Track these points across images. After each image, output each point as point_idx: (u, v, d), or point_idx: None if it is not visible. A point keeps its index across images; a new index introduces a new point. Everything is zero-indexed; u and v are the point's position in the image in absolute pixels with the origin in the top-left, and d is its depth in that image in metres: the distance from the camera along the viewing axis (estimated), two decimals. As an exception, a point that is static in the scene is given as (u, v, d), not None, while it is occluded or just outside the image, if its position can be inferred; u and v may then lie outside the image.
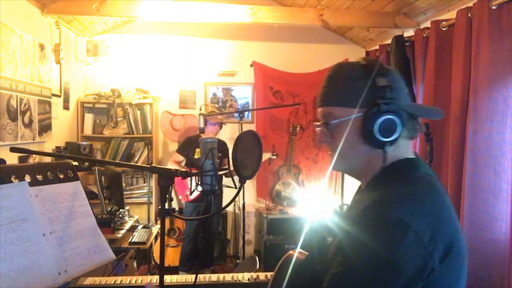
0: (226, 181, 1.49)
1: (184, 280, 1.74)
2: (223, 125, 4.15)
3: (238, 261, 4.56)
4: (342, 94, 0.97)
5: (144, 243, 2.85)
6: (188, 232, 4.10)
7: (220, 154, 1.44)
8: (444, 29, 3.16)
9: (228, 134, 4.45)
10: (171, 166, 4.16)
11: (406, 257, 0.80)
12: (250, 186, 4.74)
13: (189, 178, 1.27)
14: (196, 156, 4.07)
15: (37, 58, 3.29)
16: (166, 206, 1.28)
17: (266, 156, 4.07)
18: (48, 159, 3.04)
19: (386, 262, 0.81)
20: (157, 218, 4.38)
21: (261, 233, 4.49)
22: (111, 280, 1.72)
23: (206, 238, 4.19)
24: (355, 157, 1.00)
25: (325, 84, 1.00)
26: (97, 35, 4.56)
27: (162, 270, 1.33)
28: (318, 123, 1.03)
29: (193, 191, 1.29)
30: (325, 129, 1.01)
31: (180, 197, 4.30)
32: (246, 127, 3.39)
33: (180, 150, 4.13)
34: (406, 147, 0.99)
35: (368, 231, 0.83)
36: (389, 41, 3.90)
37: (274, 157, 4.18)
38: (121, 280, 1.71)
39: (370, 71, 0.95)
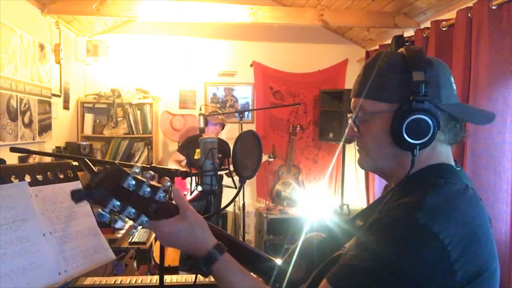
0: (226, 181, 1.49)
1: (184, 280, 1.74)
2: (225, 125, 4.15)
3: (238, 261, 4.56)
4: (374, 86, 0.88)
5: (144, 243, 2.85)
6: None
7: (220, 155, 1.44)
8: (444, 29, 3.16)
9: (228, 134, 4.45)
10: (172, 165, 4.16)
11: (424, 269, 0.71)
12: (250, 186, 4.75)
13: (188, 178, 1.27)
14: (196, 157, 4.08)
15: (37, 58, 3.29)
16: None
17: (263, 158, 4.08)
18: (48, 159, 3.04)
19: (398, 268, 0.72)
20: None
21: (261, 233, 4.49)
22: (111, 280, 1.72)
23: None
24: (383, 157, 0.90)
25: (361, 73, 0.92)
26: (97, 35, 4.56)
27: (162, 270, 1.33)
28: (349, 115, 0.95)
29: (193, 191, 1.29)
30: (353, 123, 0.92)
31: None
32: (246, 127, 3.40)
33: (180, 150, 4.14)
34: (445, 153, 0.89)
35: (388, 232, 0.76)
36: (389, 41, 3.89)
37: (272, 159, 4.18)
38: (121, 280, 1.71)
39: (409, 63, 0.85)
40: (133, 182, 0.80)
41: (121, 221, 0.82)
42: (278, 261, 1.02)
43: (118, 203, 0.80)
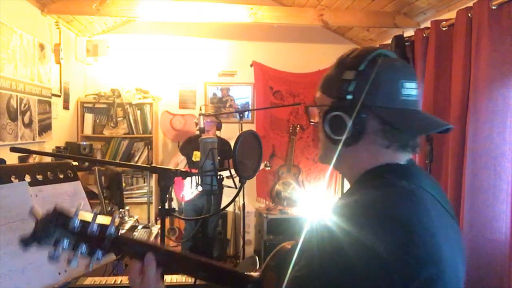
0: (226, 181, 1.49)
1: (184, 280, 1.74)
2: (221, 123, 4.14)
3: (238, 261, 4.56)
4: (325, 80, 0.90)
5: (144, 243, 2.84)
6: (187, 231, 4.12)
7: (219, 158, 1.44)
8: (444, 29, 3.16)
9: (228, 134, 4.45)
10: (172, 166, 4.17)
11: (361, 281, 0.69)
12: (250, 186, 4.74)
13: (186, 178, 1.27)
14: (194, 159, 4.08)
15: (37, 58, 3.29)
16: (166, 206, 1.28)
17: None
18: (48, 159, 3.04)
19: (337, 277, 0.71)
20: (157, 218, 4.38)
21: (261, 233, 4.49)
22: (111, 280, 1.72)
23: (204, 237, 4.20)
24: (328, 153, 0.89)
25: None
26: (97, 35, 4.56)
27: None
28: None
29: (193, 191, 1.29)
30: (308, 113, 0.95)
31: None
32: (246, 127, 3.39)
33: (181, 150, 4.15)
34: (391, 159, 0.85)
35: (326, 246, 0.74)
36: (389, 41, 3.90)
37: (268, 167, 4.19)
38: (121, 280, 1.71)
39: (348, 60, 0.85)
40: (79, 223, 0.82)
41: (75, 261, 0.83)
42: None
43: (68, 243, 0.82)
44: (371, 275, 0.69)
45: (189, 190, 4.06)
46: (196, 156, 4.07)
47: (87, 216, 0.82)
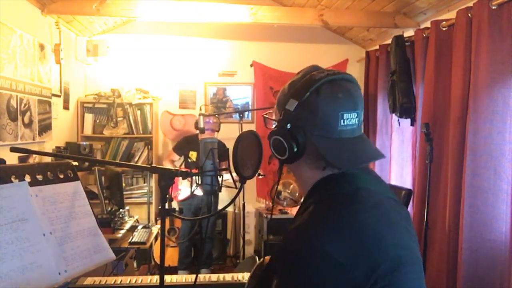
0: (226, 181, 1.50)
1: (184, 280, 1.74)
2: (220, 124, 4.15)
3: (238, 261, 4.56)
4: (279, 98, 0.98)
5: (144, 243, 2.84)
6: (184, 231, 4.13)
7: (217, 161, 1.44)
8: (444, 29, 3.16)
9: (228, 134, 4.45)
10: (166, 164, 4.17)
11: (330, 285, 0.77)
12: (250, 186, 4.74)
13: (180, 178, 1.27)
14: (190, 159, 4.09)
15: (37, 58, 3.29)
16: (166, 206, 1.28)
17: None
18: (48, 159, 3.04)
19: None
20: (157, 218, 4.38)
21: (261, 233, 4.49)
22: (111, 280, 1.72)
23: (201, 237, 4.21)
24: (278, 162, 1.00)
25: None
26: (97, 35, 4.56)
27: (162, 270, 1.33)
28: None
29: (193, 191, 1.29)
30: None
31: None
32: (246, 127, 3.39)
33: (177, 150, 4.15)
34: (326, 169, 0.93)
35: (287, 264, 0.81)
36: (389, 41, 3.90)
37: (261, 177, 4.21)
38: (121, 280, 1.71)
39: (295, 89, 0.92)
40: None
41: None
42: None
43: None
44: (333, 277, 0.77)
45: (184, 190, 4.07)
46: (193, 156, 4.08)
47: None
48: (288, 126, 0.90)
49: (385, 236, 0.83)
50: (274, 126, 0.96)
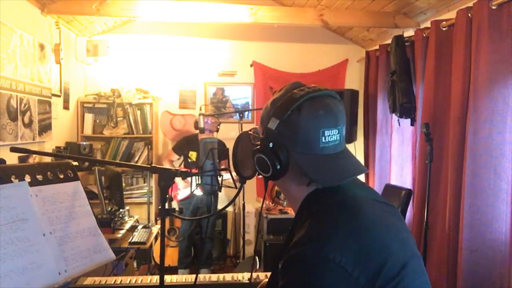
0: (226, 181, 1.50)
1: (184, 280, 1.74)
2: (218, 129, 4.15)
3: (238, 261, 4.56)
4: (262, 115, 0.99)
5: (144, 243, 2.84)
6: (183, 230, 4.13)
7: (217, 160, 1.44)
8: (444, 29, 3.16)
9: (228, 134, 4.45)
10: (165, 164, 4.18)
11: None
12: (250, 186, 4.74)
13: (179, 178, 1.27)
14: (190, 159, 4.09)
15: (37, 58, 3.29)
16: (166, 206, 1.28)
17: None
18: (48, 159, 3.04)
19: None
20: (157, 218, 4.38)
21: (261, 233, 4.49)
22: (111, 280, 1.72)
23: (201, 237, 4.22)
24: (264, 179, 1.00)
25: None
26: (97, 35, 4.56)
27: (162, 270, 1.32)
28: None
29: (193, 191, 1.29)
30: None
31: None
32: (246, 127, 3.39)
33: (177, 150, 4.16)
34: (311, 184, 0.94)
35: (292, 275, 0.82)
36: (389, 41, 3.90)
37: (261, 176, 4.19)
38: (121, 280, 1.71)
39: (275, 107, 0.93)
40: None
41: None
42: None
43: None
44: (338, 281, 0.78)
45: (183, 190, 4.07)
46: (193, 156, 4.08)
47: None
48: (271, 145, 0.91)
49: (385, 239, 0.85)
50: (258, 142, 0.96)
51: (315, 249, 0.81)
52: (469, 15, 2.80)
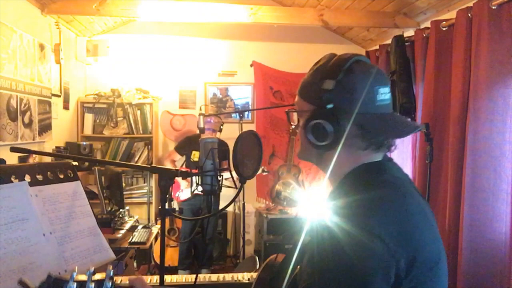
0: (226, 181, 1.50)
1: (184, 280, 1.74)
2: (221, 128, 4.14)
3: (238, 261, 4.56)
4: (304, 86, 0.96)
5: (144, 243, 2.84)
6: (185, 231, 4.12)
7: (217, 160, 1.44)
8: (444, 29, 3.16)
9: (228, 134, 4.45)
10: (167, 164, 4.17)
11: (375, 267, 0.76)
12: (250, 186, 4.74)
13: (180, 178, 1.27)
14: (192, 159, 4.08)
15: (37, 58, 3.29)
16: (166, 206, 1.29)
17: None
18: (48, 159, 3.04)
19: (356, 274, 0.76)
20: (157, 218, 4.39)
21: (261, 233, 4.49)
22: (111, 280, 1.72)
23: (202, 237, 4.21)
24: (306, 152, 0.99)
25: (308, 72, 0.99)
26: (97, 35, 4.56)
27: (162, 270, 1.33)
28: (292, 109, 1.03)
29: (193, 191, 1.29)
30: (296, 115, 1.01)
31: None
32: (246, 127, 3.39)
33: (179, 150, 4.15)
34: (363, 156, 0.92)
35: (335, 244, 0.78)
36: (389, 41, 3.90)
37: (265, 173, 4.19)
38: (121, 280, 1.71)
39: (326, 70, 0.91)
40: (75, 286, 0.81)
41: None
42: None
43: None
44: (379, 258, 0.75)
45: (185, 190, 4.07)
46: (195, 156, 4.08)
47: (82, 276, 0.82)
48: (331, 105, 0.88)
49: (424, 229, 0.83)
50: (304, 116, 0.93)
51: (361, 223, 0.78)
52: (469, 15, 2.80)
